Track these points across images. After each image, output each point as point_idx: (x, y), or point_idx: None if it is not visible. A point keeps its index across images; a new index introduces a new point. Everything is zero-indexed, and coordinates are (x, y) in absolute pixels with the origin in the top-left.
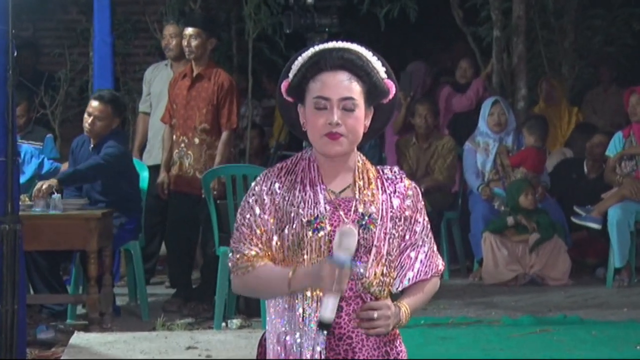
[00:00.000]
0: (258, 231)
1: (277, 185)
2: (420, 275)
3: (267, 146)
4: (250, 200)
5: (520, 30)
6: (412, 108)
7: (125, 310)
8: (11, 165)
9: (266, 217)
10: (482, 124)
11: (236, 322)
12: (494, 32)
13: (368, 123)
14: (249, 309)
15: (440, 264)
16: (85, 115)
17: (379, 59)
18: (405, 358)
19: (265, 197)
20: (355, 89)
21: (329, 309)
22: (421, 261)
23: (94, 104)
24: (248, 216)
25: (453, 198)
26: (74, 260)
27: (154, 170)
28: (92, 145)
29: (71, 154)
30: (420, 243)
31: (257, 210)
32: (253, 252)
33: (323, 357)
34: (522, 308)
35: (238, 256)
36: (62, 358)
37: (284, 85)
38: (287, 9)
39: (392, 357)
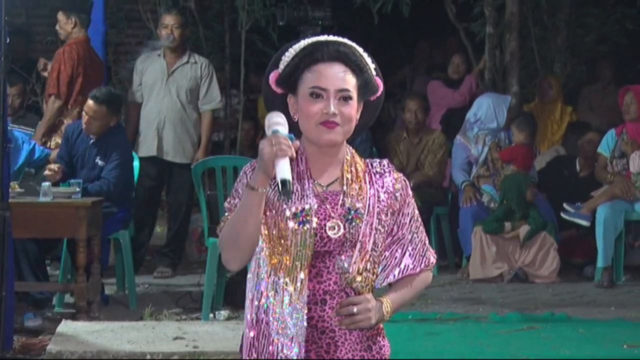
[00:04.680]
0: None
1: None
2: (407, 270)
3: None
4: (240, 188)
5: (513, 27)
6: (403, 103)
7: (113, 300)
8: (1, 152)
9: None
10: (490, 118)
11: (224, 313)
12: (486, 28)
13: (358, 117)
14: (237, 301)
15: (431, 258)
16: (83, 113)
17: (369, 55)
18: (388, 352)
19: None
20: (350, 82)
21: (282, 170)
22: (410, 255)
23: (89, 103)
24: (234, 201)
25: (443, 193)
26: (62, 249)
27: (145, 161)
28: (92, 140)
29: (66, 140)
30: (409, 237)
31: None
32: None
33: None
34: (509, 305)
35: (223, 220)
36: (49, 346)
37: (272, 76)
38: (280, 1)
39: (374, 352)
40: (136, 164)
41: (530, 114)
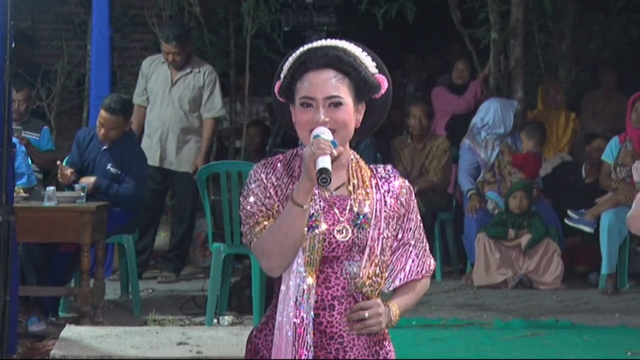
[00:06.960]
0: (264, 209)
1: (275, 176)
2: (411, 275)
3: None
4: (253, 185)
5: (518, 33)
6: (407, 109)
7: (117, 305)
8: (6, 156)
9: (270, 201)
10: (498, 123)
11: (227, 318)
12: (491, 34)
13: (360, 118)
14: (241, 306)
15: (431, 264)
16: (98, 125)
17: (368, 54)
18: (394, 357)
19: (267, 183)
20: (341, 87)
21: (323, 162)
22: (413, 261)
23: (104, 115)
24: (252, 200)
25: (447, 199)
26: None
27: (149, 165)
28: (105, 147)
29: (77, 145)
30: (413, 242)
31: (261, 193)
32: (265, 223)
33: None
34: (513, 311)
35: (251, 224)
36: (52, 351)
37: (277, 86)
38: (285, 6)
39: (381, 356)
40: None
41: (540, 122)
